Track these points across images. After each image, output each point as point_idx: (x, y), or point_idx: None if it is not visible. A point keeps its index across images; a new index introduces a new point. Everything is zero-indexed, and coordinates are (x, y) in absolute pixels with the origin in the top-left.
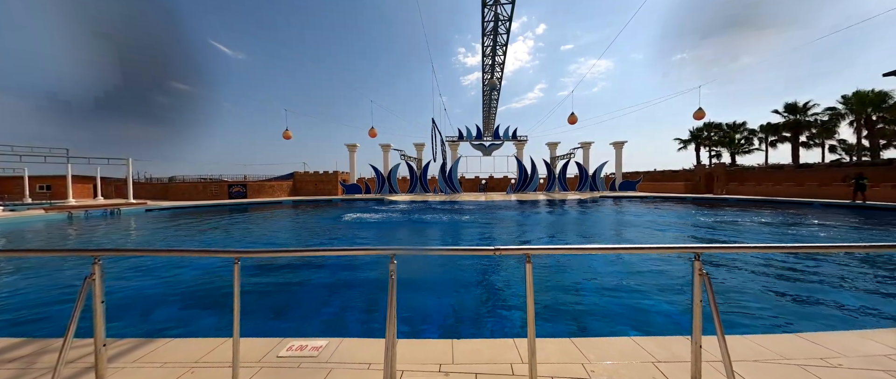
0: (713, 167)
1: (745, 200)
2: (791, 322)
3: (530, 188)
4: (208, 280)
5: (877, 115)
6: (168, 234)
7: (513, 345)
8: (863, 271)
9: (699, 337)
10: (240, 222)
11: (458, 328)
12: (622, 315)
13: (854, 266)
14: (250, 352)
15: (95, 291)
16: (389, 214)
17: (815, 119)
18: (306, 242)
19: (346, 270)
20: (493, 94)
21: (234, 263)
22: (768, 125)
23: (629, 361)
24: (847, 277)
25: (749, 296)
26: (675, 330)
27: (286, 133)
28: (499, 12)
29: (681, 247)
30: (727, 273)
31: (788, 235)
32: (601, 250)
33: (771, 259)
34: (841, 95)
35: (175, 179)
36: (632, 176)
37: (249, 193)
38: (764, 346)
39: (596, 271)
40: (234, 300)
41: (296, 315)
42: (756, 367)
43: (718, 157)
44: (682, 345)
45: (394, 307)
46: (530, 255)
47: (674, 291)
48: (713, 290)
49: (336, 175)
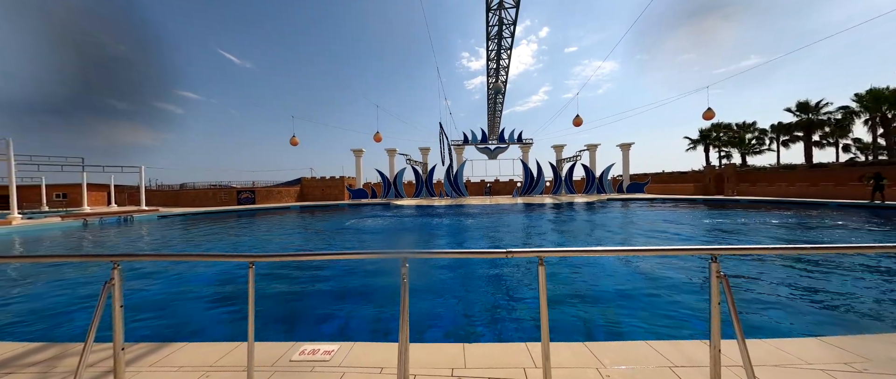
0: (723, 168)
1: (758, 201)
2: (813, 326)
3: (536, 191)
4: (220, 284)
5: (892, 112)
6: (181, 239)
7: (525, 349)
8: (884, 273)
9: (718, 341)
10: (250, 227)
11: (469, 332)
12: (638, 318)
13: (874, 267)
14: (264, 356)
15: (115, 296)
16: (397, 219)
17: (829, 118)
18: (317, 247)
19: (356, 275)
20: (497, 97)
21: (248, 267)
22: (780, 125)
23: (645, 366)
24: (868, 278)
25: (768, 298)
26: (691, 334)
27: (293, 139)
28: (503, 17)
29: (697, 248)
30: (745, 274)
31: (806, 237)
32: (615, 252)
33: (791, 260)
34: (854, 94)
35: (186, 186)
36: (640, 178)
37: (258, 199)
38: (784, 350)
39: (610, 274)
40: (249, 304)
41: (308, 319)
42: (777, 372)
43: (728, 158)
44: (700, 349)
45: (406, 311)
46: (543, 257)
47: (690, 293)
48: (732, 292)
49: (342, 180)
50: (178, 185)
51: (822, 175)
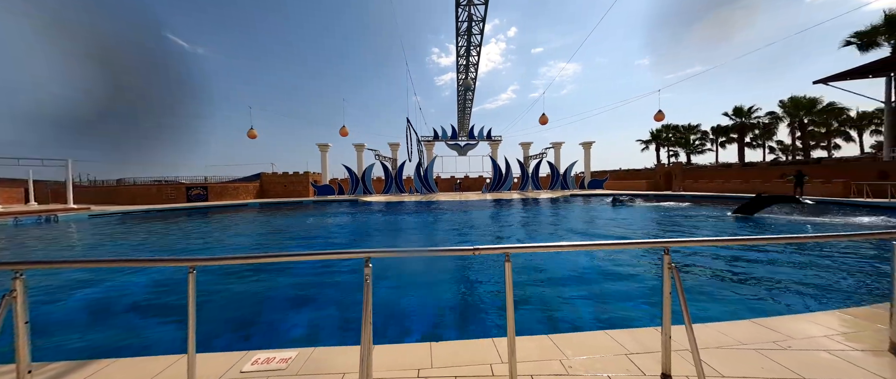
0: (671, 166)
1: (700, 197)
2: (747, 311)
3: (505, 187)
4: (165, 293)
5: (808, 118)
6: (115, 241)
7: (492, 345)
8: (805, 258)
9: (669, 327)
10: (200, 228)
11: (438, 331)
12: (599, 309)
13: (794, 254)
14: (208, 369)
15: (17, 310)
16: (365, 216)
17: (758, 121)
18: (275, 247)
19: (318, 276)
20: (467, 94)
21: (188, 273)
22: (719, 127)
23: (604, 355)
24: (793, 263)
25: (713, 286)
26: (647, 322)
27: (251, 132)
28: (472, 13)
29: (652, 242)
30: (693, 265)
31: (746, 229)
32: (578, 247)
33: (732, 250)
34: (779, 100)
35: (124, 182)
36: (599, 175)
37: (211, 196)
38: (725, 333)
39: (574, 268)
40: (189, 313)
41: (263, 326)
42: (719, 353)
43: (676, 157)
44: (653, 336)
45: (370, 312)
46: (510, 253)
47: (646, 283)
48: (682, 282)
49: (307, 176)
50: (115, 181)
51: (753, 173)
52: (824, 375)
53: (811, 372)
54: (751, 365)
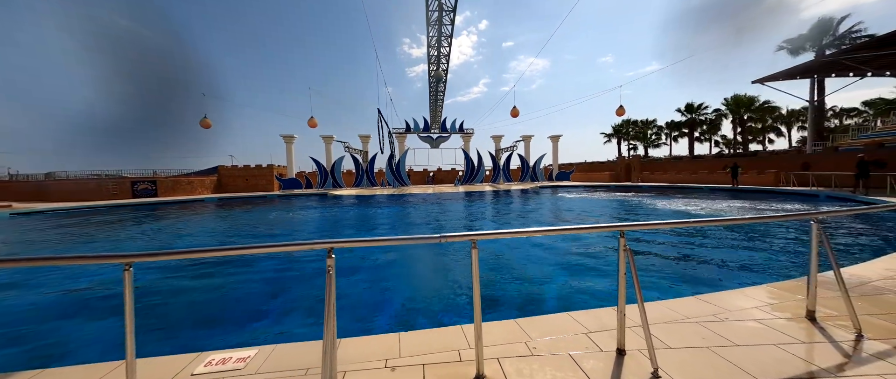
0: (631, 159)
1: (656, 187)
2: (692, 285)
3: (477, 180)
4: (108, 297)
5: (747, 115)
6: (41, 242)
7: (461, 331)
8: (739, 238)
9: (624, 306)
10: (145, 225)
11: (408, 321)
12: (563, 290)
13: (727, 235)
14: (154, 373)
15: None
16: (334, 210)
17: (706, 118)
18: (232, 241)
19: (281, 270)
20: (439, 86)
21: (123, 270)
22: (672, 122)
23: (566, 335)
24: (728, 243)
25: (663, 265)
26: (606, 302)
27: (205, 121)
28: (443, 2)
29: (608, 226)
30: (646, 248)
31: (691, 213)
32: (541, 232)
33: (680, 233)
34: (723, 98)
35: (54, 176)
36: (566, 167)
37: (161, 191)
38: (673, 309)
39: (540, 253)
40: (126, 314)
41: (220, 325)
42: (667, 327)
43: (635, 150)
44: (611, 315)
45: (332, 305)
46: (476, 240)
47: (605, 265)
48: (635, 263)
49: (271, 169)
50: (43, 175)
51: (701, 165)
52: (752, 341)
53: (742, 339)
54: (693, 336)
